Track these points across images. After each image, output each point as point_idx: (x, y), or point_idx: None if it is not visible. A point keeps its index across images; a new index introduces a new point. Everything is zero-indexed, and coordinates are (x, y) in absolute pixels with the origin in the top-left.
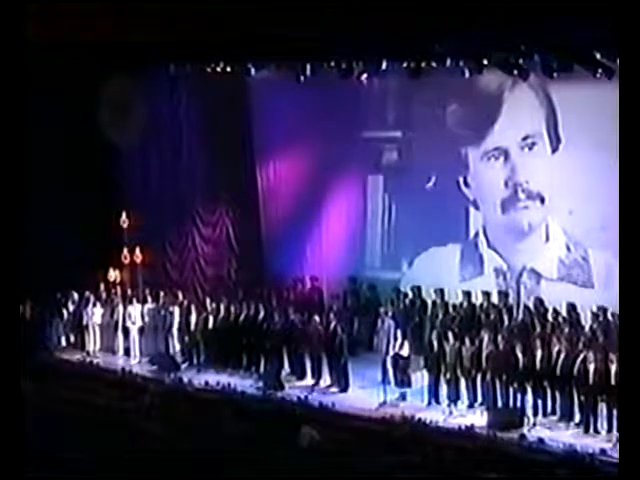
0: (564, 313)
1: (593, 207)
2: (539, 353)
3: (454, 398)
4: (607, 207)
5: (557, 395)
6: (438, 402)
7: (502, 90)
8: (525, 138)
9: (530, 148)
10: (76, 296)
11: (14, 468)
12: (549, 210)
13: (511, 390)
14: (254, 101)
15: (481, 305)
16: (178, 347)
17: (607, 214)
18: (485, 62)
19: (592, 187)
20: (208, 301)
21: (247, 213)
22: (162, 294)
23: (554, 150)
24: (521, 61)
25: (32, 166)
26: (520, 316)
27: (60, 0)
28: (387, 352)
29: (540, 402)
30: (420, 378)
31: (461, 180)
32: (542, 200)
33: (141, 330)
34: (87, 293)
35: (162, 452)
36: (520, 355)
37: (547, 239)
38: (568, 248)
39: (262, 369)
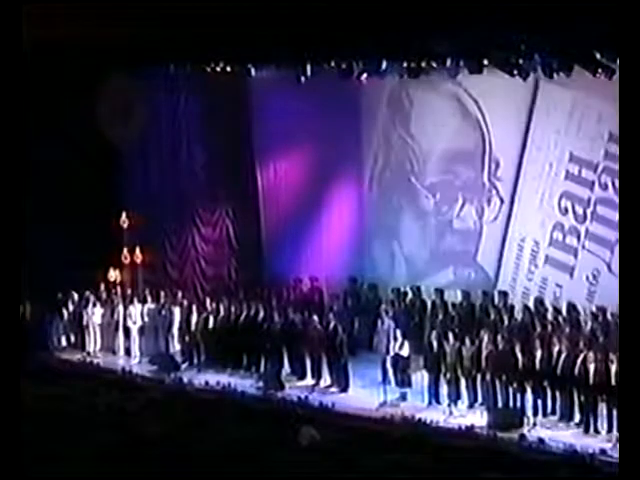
0: (564, 313)
1: None
2: (539, 353)
3: (454, 398)
4: None
5: (557, 395)
6: (438, 402)
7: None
8: None
9: None
10: (76, 296)
11: (14, 468)
12: None
13: (511, 390)
14: (254, 101)
15: (481, 305)
16: (178, 347)
17: None
18: (485, 62)
19: None
20: (208, 301)
21: (247, 213)
22: (162, 294)
23: None
24: (521, 61)
25: (32, 166)
26: (520, 316)
27: (60, 0)
28: (387, 352)
29: (540, 402)
30: (420, 378)
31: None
32: None
33: (141, 330)
34: (87, 293)
35: (162, 452)
36: (520, 355)
37: None
38: None
39: (262, 369)
